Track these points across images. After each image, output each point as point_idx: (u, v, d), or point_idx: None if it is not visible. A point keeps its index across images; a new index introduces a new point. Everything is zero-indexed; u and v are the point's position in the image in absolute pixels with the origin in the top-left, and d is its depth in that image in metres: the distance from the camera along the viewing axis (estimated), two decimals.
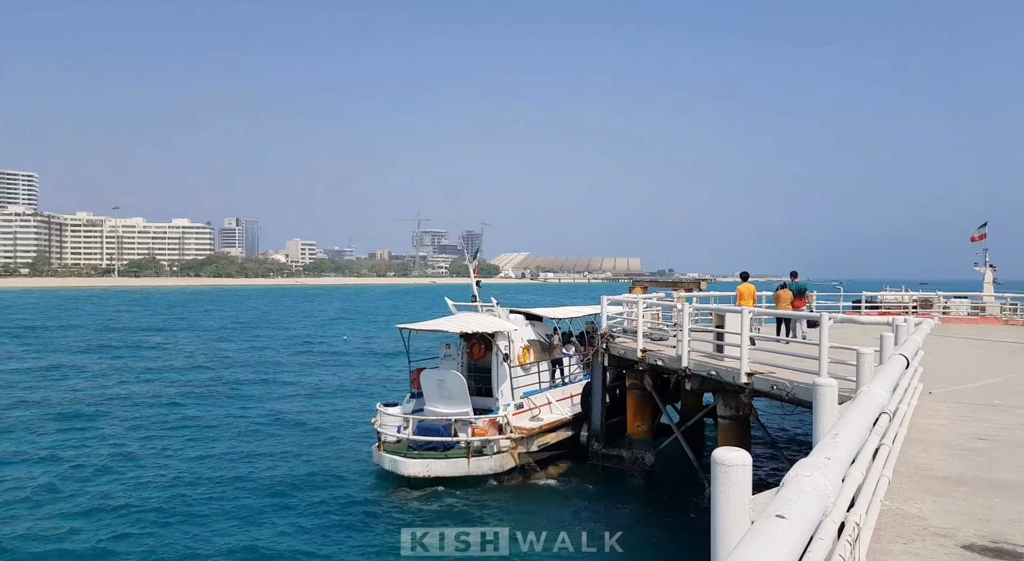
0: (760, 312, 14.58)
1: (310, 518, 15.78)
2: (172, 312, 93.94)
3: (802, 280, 18.46)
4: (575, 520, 15.25)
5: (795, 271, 18.83)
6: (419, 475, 17.66)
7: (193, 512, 15.99)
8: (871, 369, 9.02)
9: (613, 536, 13.13)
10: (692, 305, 16.26)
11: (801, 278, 18.57)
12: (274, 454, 20.65)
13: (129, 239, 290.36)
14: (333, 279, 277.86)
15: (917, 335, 9.06)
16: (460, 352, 20.79)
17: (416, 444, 18.19)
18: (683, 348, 15.30)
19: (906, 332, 9.90)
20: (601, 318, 19.55)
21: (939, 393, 11.21)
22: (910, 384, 9.08)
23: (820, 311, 11.72)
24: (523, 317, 21.70)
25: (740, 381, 13.45)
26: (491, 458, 18.19)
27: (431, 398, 19.19)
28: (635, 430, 18.85)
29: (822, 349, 11.32)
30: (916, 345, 9.34)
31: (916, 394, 9.46)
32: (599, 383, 19.55)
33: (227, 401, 29.53)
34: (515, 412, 19.25)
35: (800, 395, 12.12)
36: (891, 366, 6.87)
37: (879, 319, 11.00)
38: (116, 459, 20.18)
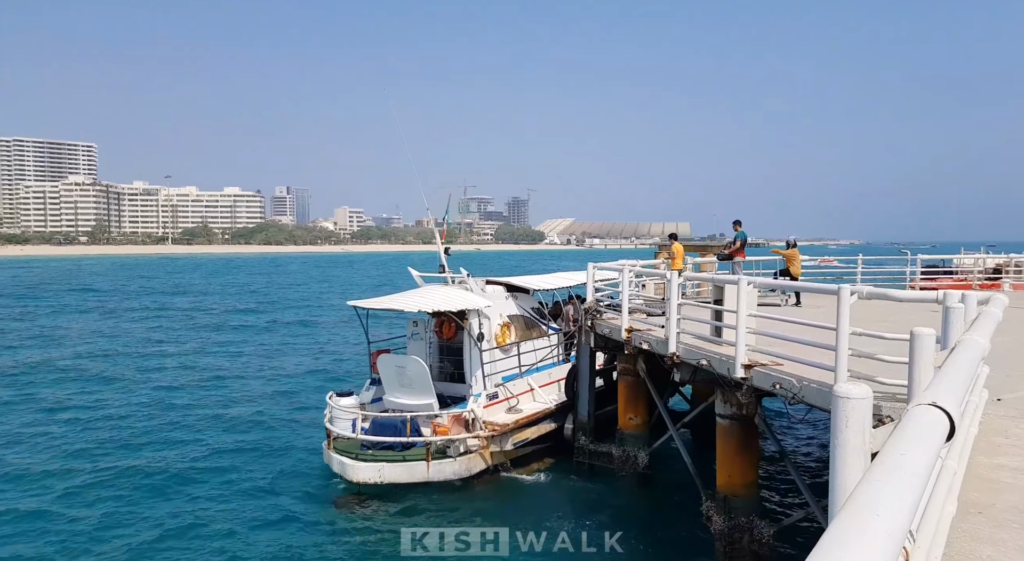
0: (764, 283, 11.10)
1: (225, 530, 13.27)
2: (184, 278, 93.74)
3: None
4: (563, 520, 13.40)
5: (738, 220, 17.84)
6: (370, 481, 14.88)
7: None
8: (929, 363, 5.78)
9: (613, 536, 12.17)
10: (685, 275, 12.91)
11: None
12: (216, 449, 18.01)
13: (183, 207, 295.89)
14: (379, 246, 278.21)
15: (984, 322, 5.75)
16: (429, 331, 17.87)
17: (370, 443, 15.45)
18: (671, 329, 12.02)
19: (961, 317, 6.50)
20: (587, 289, 16.29)
21: (1013, 401, 7.80)
22: (971, 391, 5.79)
23: (841, 284, 8.22)
24: (503, 289, 18.57)
25: (735, 375, 10.16)
26: (456, 461, 15.28)
27: (390, 387, 16.34)
28: (627, 423, 15.66)
29: (840, 337, 7.97)
30: (982, 337, 5.95)
31: (980, 405, 6.13)
32: (586, 367, 16.39)
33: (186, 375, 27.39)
34: (488, 403, 16.29)
35: (812, 399, 8.80)
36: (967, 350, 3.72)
37: (923, 295, 7.44)
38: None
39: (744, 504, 11.65)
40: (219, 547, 12.55)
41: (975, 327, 5.24)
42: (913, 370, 5.60)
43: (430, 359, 17.94)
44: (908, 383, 5.98)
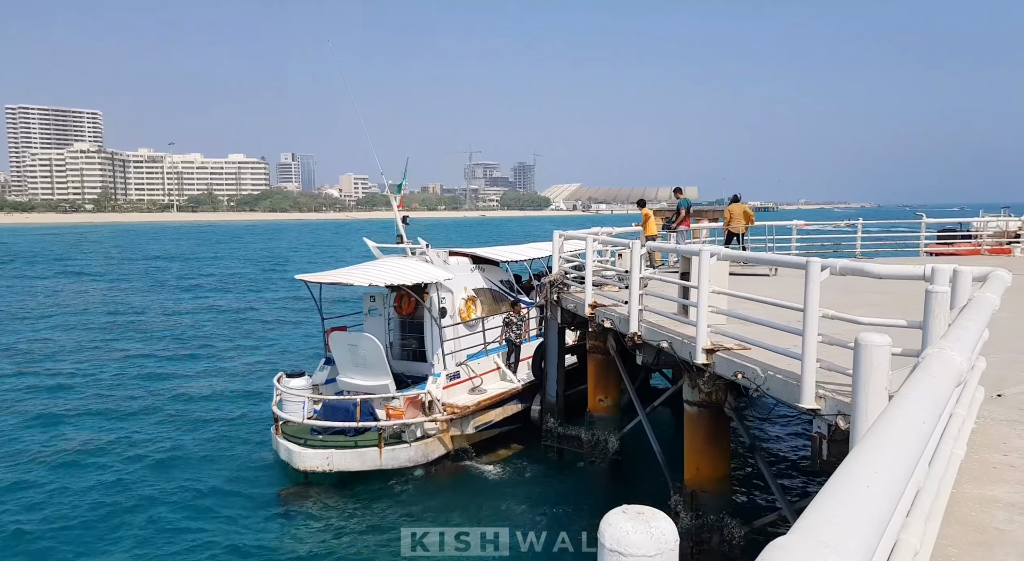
0: (730, 254, 9.61)
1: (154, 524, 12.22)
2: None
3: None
4: (529, 515, 12.80)
5: (679, 187, 17.33)
6: (317, 470, 13.74)
7: None
8: (882, 385, 4.43)
9: None
10: (649, 245, 11.53)
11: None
12: (154, 439, 16.61)
13: (188, 175, 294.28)
14: (383, 213, 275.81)
15: (979, 305, 4.41)
16: (388, 306, 16.59)
17: (320, 427, 14.29)
18: (632, 306, 10.69)
19: (945, 306, 5.15)
20: (554, 260, 14.92)
21: (1017, 397, 6.48)
22: (962, 390, 4.52)
23: (810, 259, 6.84)
24: (468, 260, 17.23)
25: (696, 360, 8.85)
26: (411, 446, 14.12)
27: (344, 367, 15.13)
28: (597, 405, 14.40)
29: (808, 322, 6.64)
30: (976, 325, 4.55)
31: (971, 413, 4.81)
32: (555, 344, 15.12)
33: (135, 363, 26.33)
34: (448, 384, 15.08)
35: (777, 392, 7.50)
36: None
37: (906, 270, 6.00)
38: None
39: (714, 501, 10.42)
40: (146, 546, 11.52)
41: (960, 322, 3.89)
42: (858, 404, 4.22)
43: (391, 336, 16.74)
44: (851, 430, 4.63)
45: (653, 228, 17.26)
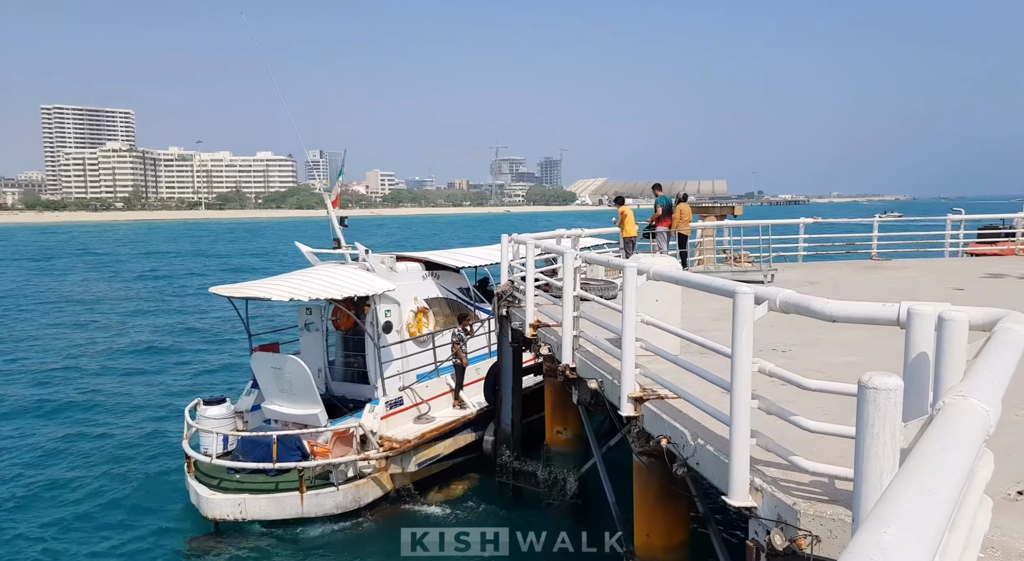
0: (660, 274, 7.37)
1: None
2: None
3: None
4: None
5: (658, 183, 15.58)
6: (228, 518, 11.87)
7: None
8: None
9: None
10: (583, 254, 9.46)
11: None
12: (58, 478, 14.54)
13: (217, 173, 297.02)
14: (409, 209, 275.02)
15: (983, 370, 2.37)
16: (326, 320, 14.67)
17: (237, 467, 12.38)
18: (565, 330, 8.66)
19: (929, 379, 3.07)
20: (502, 269, 12.85)
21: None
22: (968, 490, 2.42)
23: (737, 286, 4.66)
24: (420, 266, 15.24)
25: (622, 411, 6.81)
26: (340, 490, 12.19)
27: (268, 392, 13.23)
28: (555, 438, 12.34)
29: (736, 376, 4.58)
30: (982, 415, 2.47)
31: (982, 507, 2.74)
32: (509, 364, 13.09)
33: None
34: (387, 413, 13.14)
35: (708, 469, 5.43)
36: None
37: (872, 312, 3.79)
38: None
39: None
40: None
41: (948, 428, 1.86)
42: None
43: (333, 355, 14.85)
44: None
45: (632, 228, 15.16)
